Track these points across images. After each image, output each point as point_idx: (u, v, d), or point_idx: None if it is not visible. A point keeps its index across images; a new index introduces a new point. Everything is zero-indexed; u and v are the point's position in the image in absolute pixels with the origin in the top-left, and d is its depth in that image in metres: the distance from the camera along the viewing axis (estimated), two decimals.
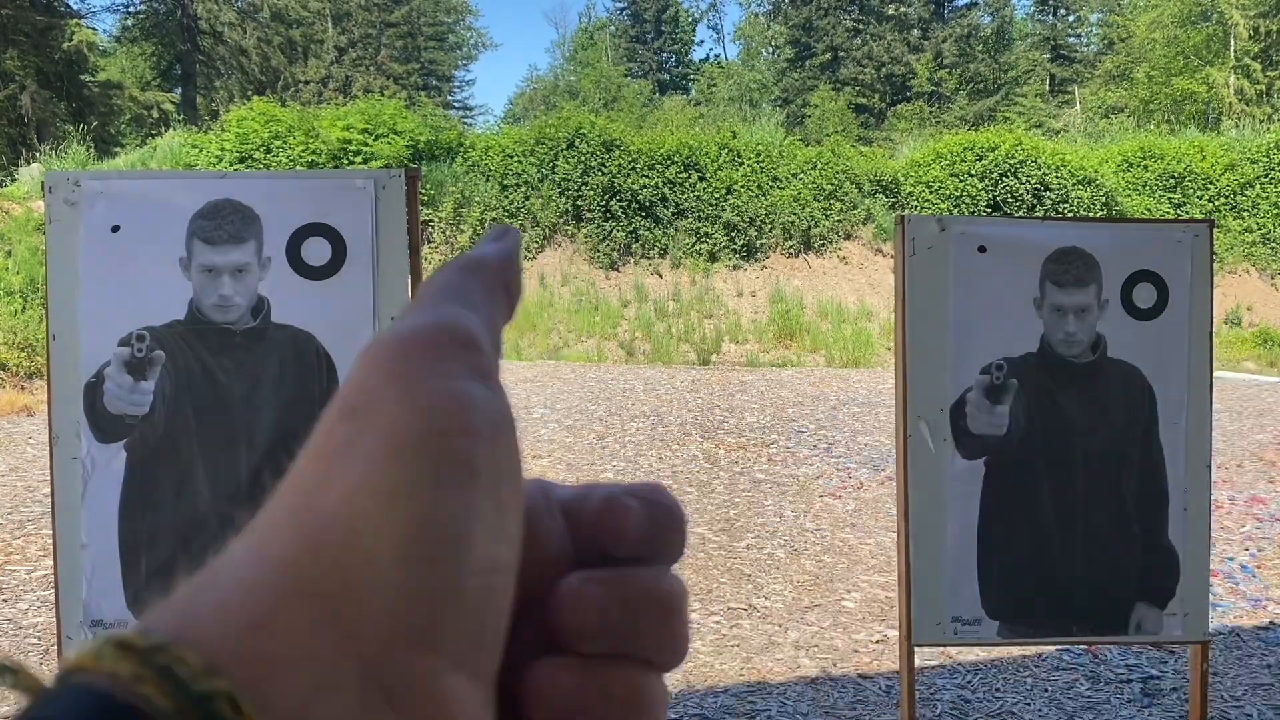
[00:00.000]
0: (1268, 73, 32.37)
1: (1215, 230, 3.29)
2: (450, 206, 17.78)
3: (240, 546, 0.26)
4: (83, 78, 28.21)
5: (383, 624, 0.25)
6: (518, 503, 0.29)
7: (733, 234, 18.39)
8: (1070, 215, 17.87)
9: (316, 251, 2.54)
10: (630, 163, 18.39)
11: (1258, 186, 20.46)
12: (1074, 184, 18.94)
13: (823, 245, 18.76)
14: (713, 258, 18.34)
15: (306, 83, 40.08)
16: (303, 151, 17.11)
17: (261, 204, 2.52)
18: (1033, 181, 18.66)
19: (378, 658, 0.25)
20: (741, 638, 4.49)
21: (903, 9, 41.46)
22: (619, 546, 0.31)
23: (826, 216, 18.74)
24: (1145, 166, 20.66)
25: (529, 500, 0.30)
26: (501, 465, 0.28)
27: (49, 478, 2.50)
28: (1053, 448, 2.63)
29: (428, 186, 17.42)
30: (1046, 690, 4.01)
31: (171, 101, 33.53)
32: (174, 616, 0.24)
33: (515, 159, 18.47)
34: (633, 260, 18.29)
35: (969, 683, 4.07)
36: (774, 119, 26.42)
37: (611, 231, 18.18)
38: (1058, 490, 2.63)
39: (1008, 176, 18.71)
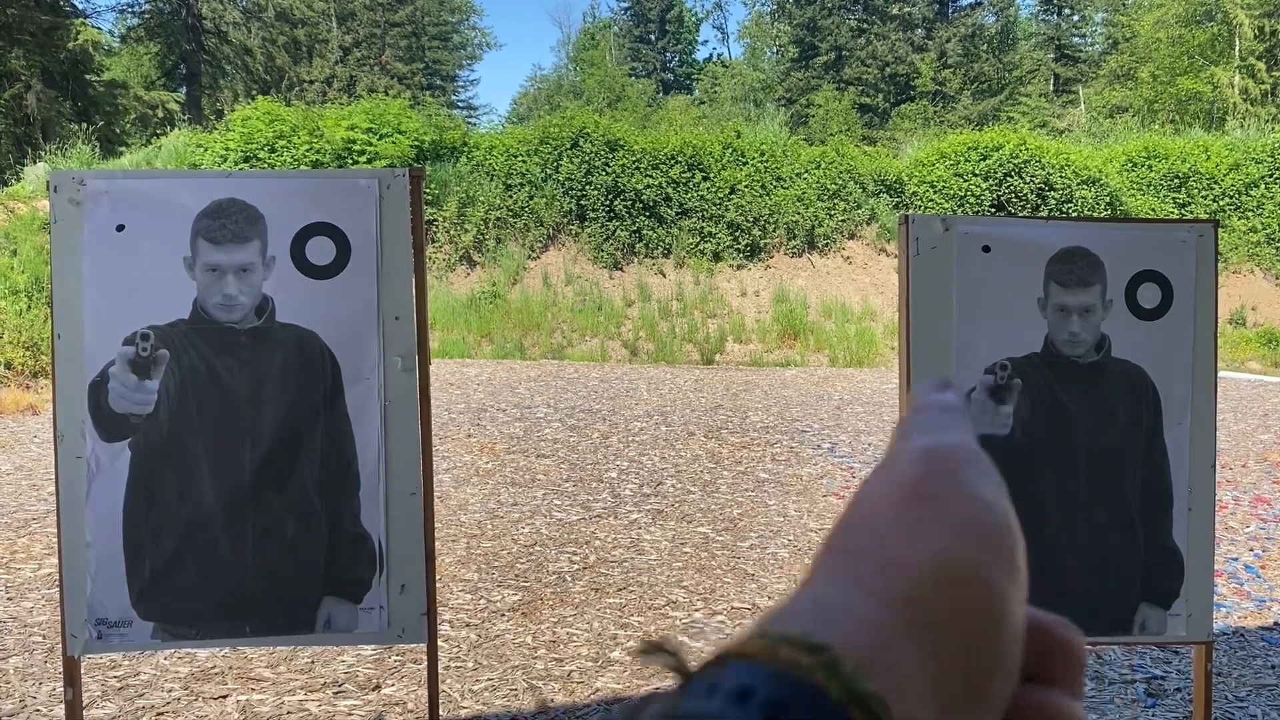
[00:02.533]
0: (1272, 72, 32.29)
1: (1220, 230, 3.29)
2: (454, 206, 17.78)
3: (840, 585, 0.32)
4: (88, 77, 28.25)
5: (959, 670, 0.31)
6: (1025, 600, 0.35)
7: (736, 233, 18.39)
8: (1074, 215, 17.84)
9: (321, 251, 2.55)
10: (634, 162, 18.39)
11: (1262, 186, 20.42)
12: (1078, 184, 18.91)
13: (826, 245, 18.75)
14: (716, 257, 18.33)
15: (311, 82, 40.10)
16: (307, 151, 17.12)
17: (266, 203, 2.53)
18: (1037, 181, 18.63)
19: (951, 699, 0.30)
20: None
21: (907, 9, 41.41)
22: (1064, 676, 0.36)
23: (830, 216, 18.73)
24: (1150, 166, 20.62)
25: None
26: (1025, 574, 0.34)
27: (54, 476, 2.51)
28: (1057, 448, 2.62)
29: (432, 186, 17.43)
30: None
31: (176, 101, 33.56)
32: (805, 628, 0.29)
33: (519, 159, 18.47)
34: (636, 260, 18.29)
35: None
36: (778, 119, 26.40)
37: (615, 231, 18.18)
38: (1062, 490, 2.63)
39: (1012, 176, 18.69)
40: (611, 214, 18.21)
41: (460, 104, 48.18)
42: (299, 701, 3.70)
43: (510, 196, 18.19)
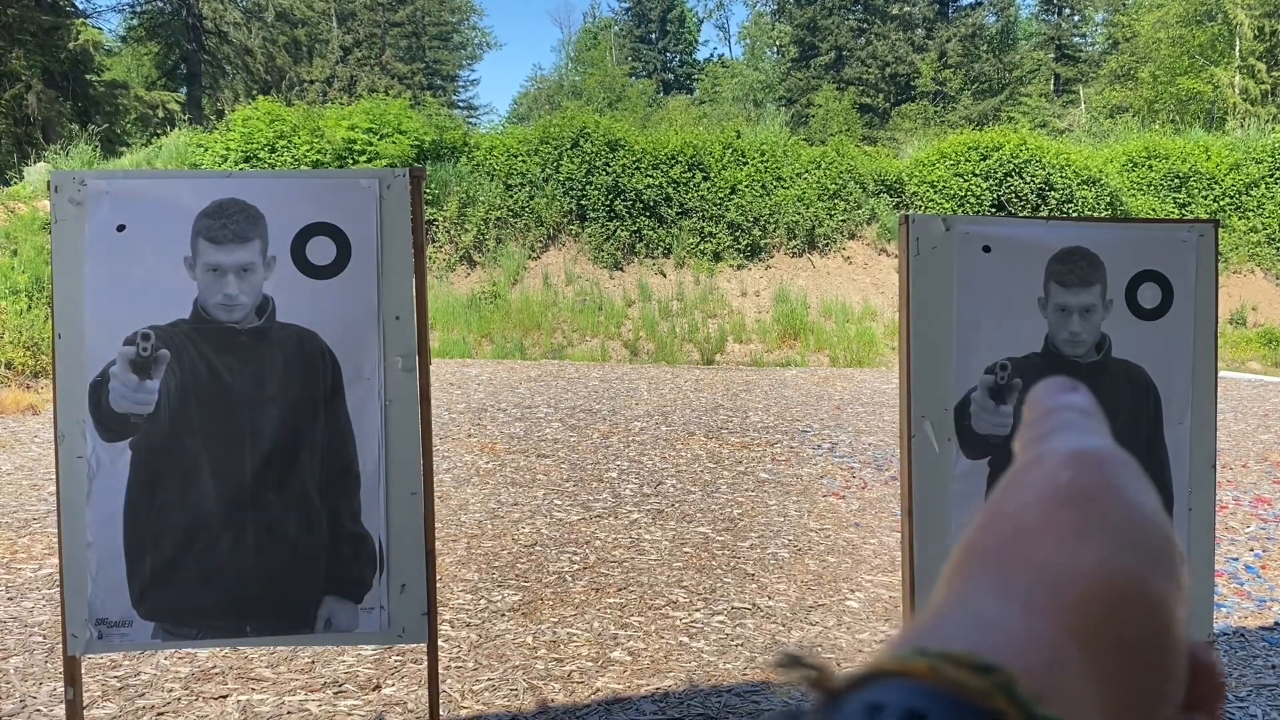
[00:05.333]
0: (1273, 72, 32.28)
1: (1220, 230, 3.29)
2: (455, 206, 17.78)
3: (998, 598, 0.30)
4: (88, 77, 28.24)
5: (1129, 692, 0.29)
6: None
7: (737, 233, 18.38)
8: (1075, 215, 17.84)
9: (321, 251, 2.55)
10: (634, 162, 18.39)
11: (1263, 186, 20.41)
12: (1079, 184, 18.91)
13: (827, 245, 18.74)
14: (717, 257, 18.33)
15: (311, 82, 40.10)
16: (308, 151, 17.12)
17: (266, 203, 2.53)
18: (1037, 181, 18.63)
19: (1117, 717, 0.29)
20: (745, 637, 4.49)
21: (907, 8, 41.40)
22: (1209, 702, 0.35)
23: (831, 216, 18.72)
24: (1150, 166, 20.62)
25: None
26: (1187, 583, 0.33)
27: (54, 476, 2.51)
28: None
29: (432, 186, 17.43)
30: None
31: (177, 101, 33.55)
32: (972, 645, 0.27)
33: (520, 158, 18.47)
34: (637, 260, 18.29)
35: None
36: (778, 119, 26.40)
37: (615, 231, 18.18)
38: None
39: (1012, 176, 18.68)
40: (612, 214, 18.21)
41: (461, 104, 48.18)
42: (299, 701, 3.70)
43: (511, 196, 18.19)
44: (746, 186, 18.61)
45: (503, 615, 4.69)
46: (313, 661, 4.06)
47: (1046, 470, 0.34)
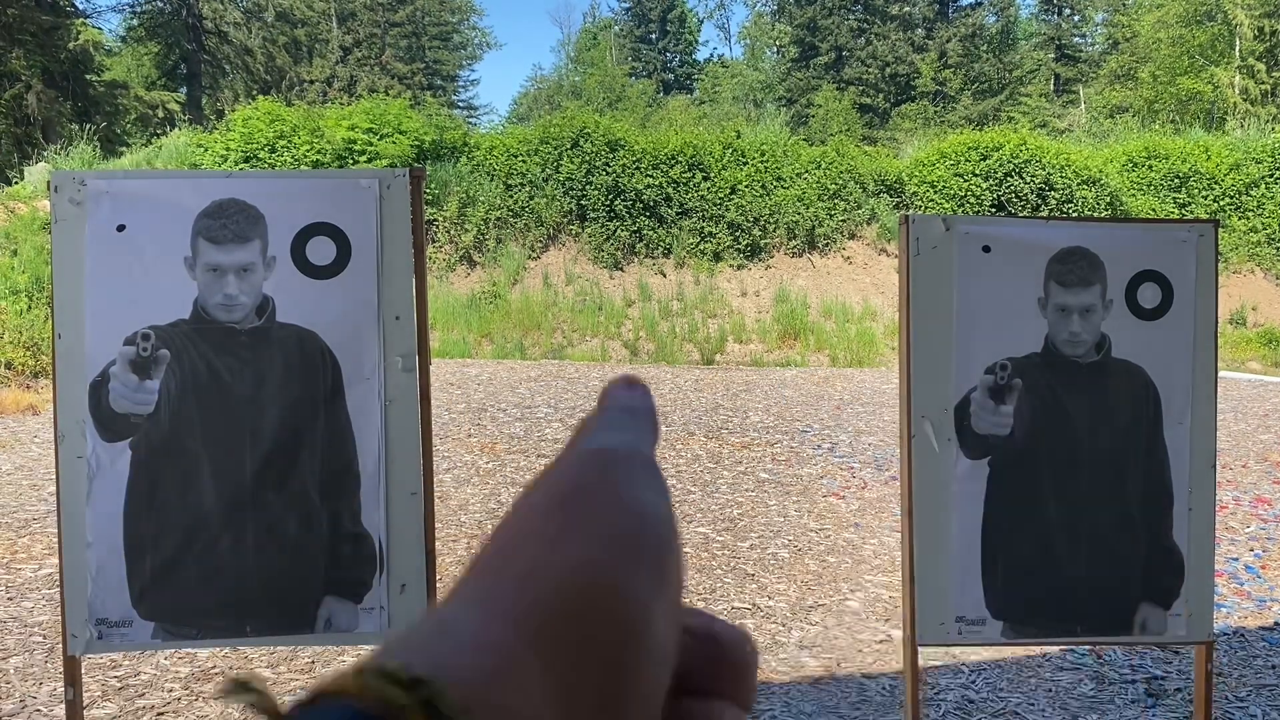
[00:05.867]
0: (1273, 73, 32.29)
1: (1220, 230, 3.29)
2: (455, 206, 17.78)
3: (468, 603, 0.29)
4: (88, 77, 28.25)
5: (588, 695, 0.28)
6: (681, 611, 0.33)
7: (737, 234, 18.39)
8: (1075, 215, 17.84)
9: (321, 251, 2.55)
10: (634, 162, 18.39)
11: (1263, 186, 20.42)
12: (1079, 184, 18.91)
13: (827, 245, 18.75)
14: (717, 257, 18.33)
15: (311, 82, 40.11)
16: (308, 151, 17.12)
17: (266, 203, 2.53)
18: (1037, 181, 18.63)
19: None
20: None
21: (907, 8, 41.40)
22: (732, 686, 0.35)
23: (831, 216, 18.72)
24: (1150, 166, 20.62)
25: None
26: (679, 579, 0.32)
27: (54, 476, 2.51)
28: (1057, 448, 2.63)
29: (432, 186, 17.43)
30: (1050, 690, 4.00)
31: (177, 101, 33.56)
32: (419, 657, 0.26)
33: (520, 158, 18.48)
34: (637, 260, 18.29)
35: (973, 683, 4.07)
36: (778, 119, 26.40)
37: (616, 231, 18.18)
38: (1062, 490, 2.63)
39: (1012, 176, 18.68)
40: (612, 214, 18.21)
41: (460, 104, 48.18)
42: None
43: (510, 196, 18.19)
44: (746, 186, 18.61)
45: None
46: (313, 661, 4.06)
47: (555, 471, 0.34)
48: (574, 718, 0.28)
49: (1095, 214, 18.37)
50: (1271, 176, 20.45)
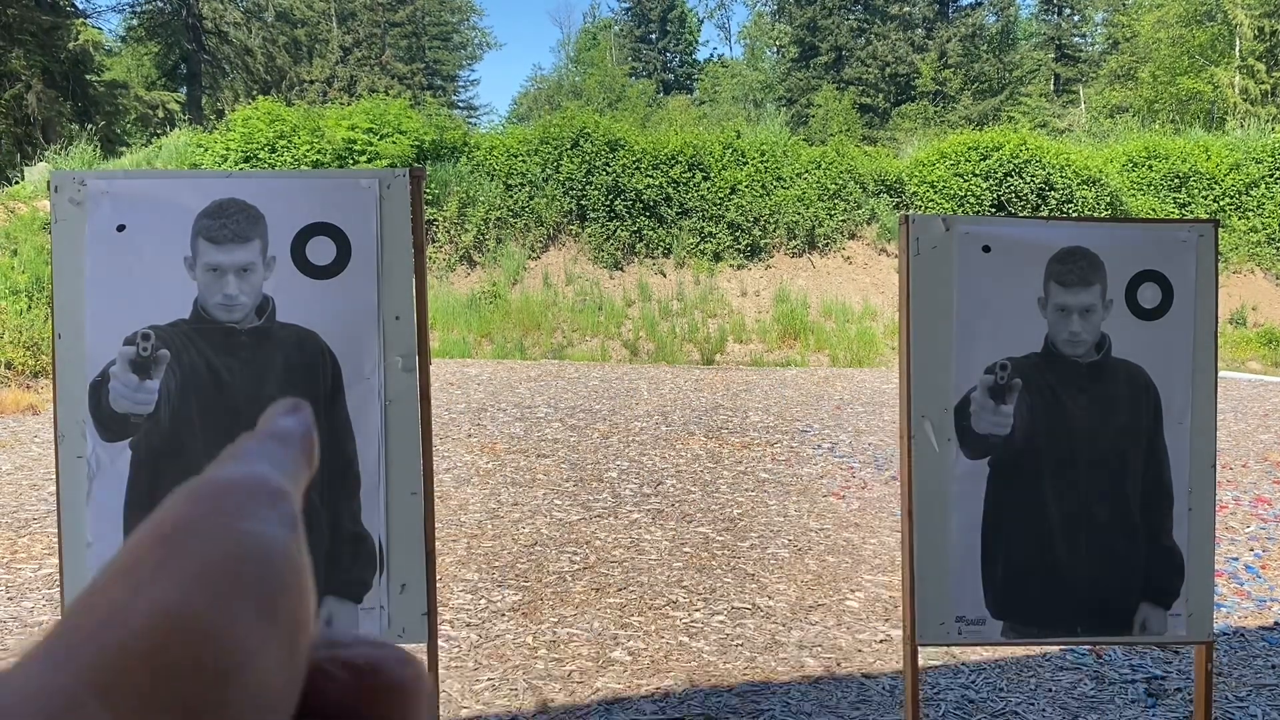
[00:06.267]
0: (1273, 73, 32.28)
1: (1220, 230, 3.29)
2: (455, 206, 17.78)
3: (38, 657, 0.27)
4: (88, 77, 28.25)
5: None
6: (304, 652, 0.30)
7: (737, 233, 18.39)
8: (1075, 215, 17.84)
9: (321, 251, 2.55)
10: (634, 162, 18.39)
11: (1263, 186, 20.41)
12: (1079, 184, 18.91)
13: (827, 245, 18.75)
14: (717, 257, 18.33)
15: (311, 82, 40.11)
16: (308, 151, 17.12)
17: (266, 203, 2.53)
18: (1037, 181, 18.63)
19: None
20: (745, 637, 4.49)
21: (907, 8, 41.40)
22: (396, 713, 0.32)
23: (831, 216, 18.72)
24: (1150, 166, 20.62)
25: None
26: (296, 615, 0.30)
27: (54, 476, 2.51)
28: (1057, 448, 2.63)
29: (432, 186, 17.43)
30: (1050, 690, 4.00)
31: (177, 101, 33.58)
32: None
33: (519, 158, 18.48)
34: (637, 260, 18.29)
35: (973, 683, 4.07)
36: (778, 119, 26.40)
37: (615, 231, 18.18)
38: (1062, 490, 2.63)
39: (1012, 176, 18.68)
40: (612, 214, 18.21)
41: (460, 104, 48.19)
42: None
43: (511, 196, 18.19)
44: (746, 186, 18.61)
45: (503, 615, 4.69)
46: None
47: (168, 505, 0.31)
48: None
49: (1095, 214, 18.37)
50: (1271, 176, 20.45)
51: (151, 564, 0.29)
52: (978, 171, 18.80)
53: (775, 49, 46.11)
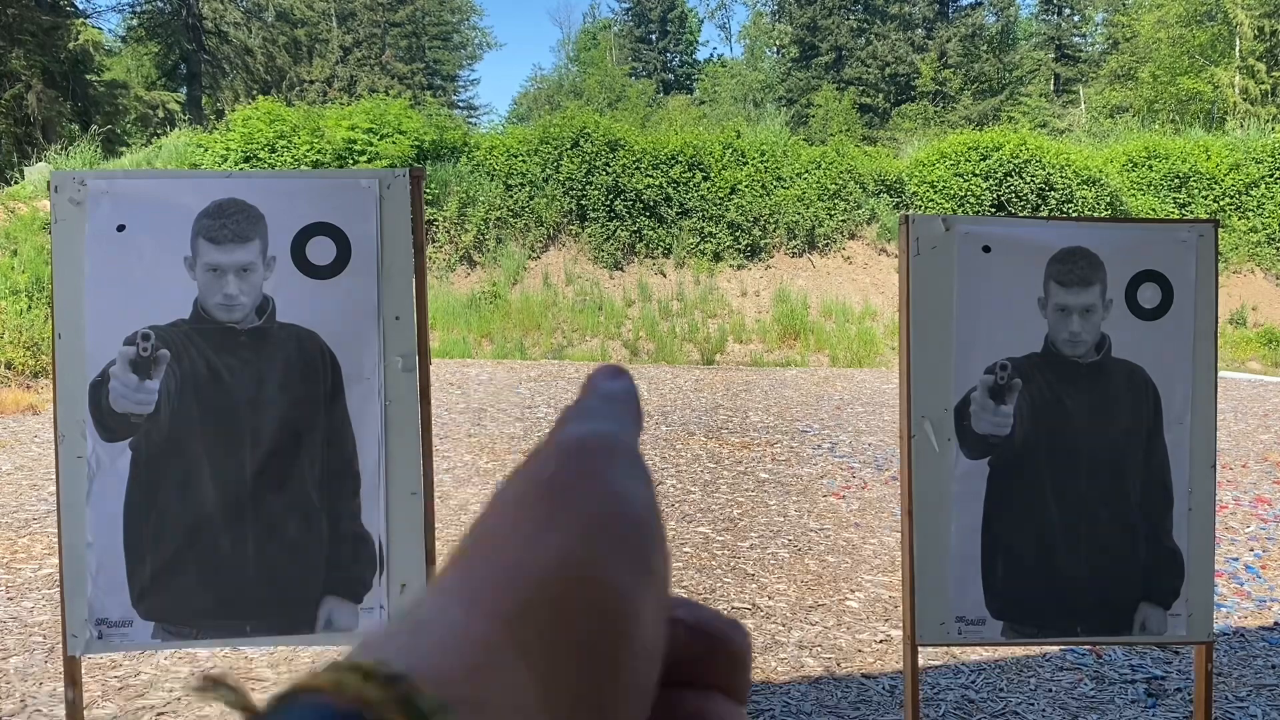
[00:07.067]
0: (1273, 73, 32.29)
1: (1220, 230, 3.29)
2: (455, 206, 17.78)
3: (449, 597, 0.28)
4: (88, 77, 28.25)
5: (572, 690, 0.27)
6: (668, 602, 0.32)
7: (737, 233, 18.39)
8: (1075, 215, 17.84)
9: (321, 251, 2.55)
10: (634, 162, 18.39)
11: (1263, 186, 20.42)
12: (1079, 184, 18.91)
13: (827, 245, 18.75)
14: (717, 257, 18.33)
15: (311, 82, 40.11)
16: (308, 151, 17.12)
17: (266, 203, 2.53)
18: (1037, 181, 18.63)
19: (566, 718, 0.27)
20: None
21: (907, 9, 41.40)
22: (725, 679, 0.34)
23: (831, 216, 18.73)
24: (1150, 166, 20.62)
25: None
26: (664, 569, 0.32)
27: (54, 476, 2.51)
28: (1057, 448, 2.63)
29: (432, 186, 17.43)
30: (1050, 690, 4.00)
31: (177, 101, 33.58)
32: (397, 652, 0.26)
33: (520, 158, 18.48)
34: (637, 260, 18.29)
35: (973, 683, 4.07)
36: (778, 119, 26.40)
37: (616, 231, 18.18)
38: (1062, 490, 2.63)
39: (1012, 176, 18.68)
40: (612, 214, 18.21)
41: (460, 104, 48.18)
42: None
43: (511, 196, 18.19)
44: (746, 186, 18.61)
45: None
46: (313, 662, 4.06)
47: (536, 462, 0.33)
48: (558, 712, 0.27)
49: (1095, 214, 18.37)
50: (1271, 176, 20.45)
51: (538, 516, 0.30)
52: (978, 171, 18.80)
53: (775, 49, 46.11)
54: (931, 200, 18.91)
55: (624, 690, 0.29)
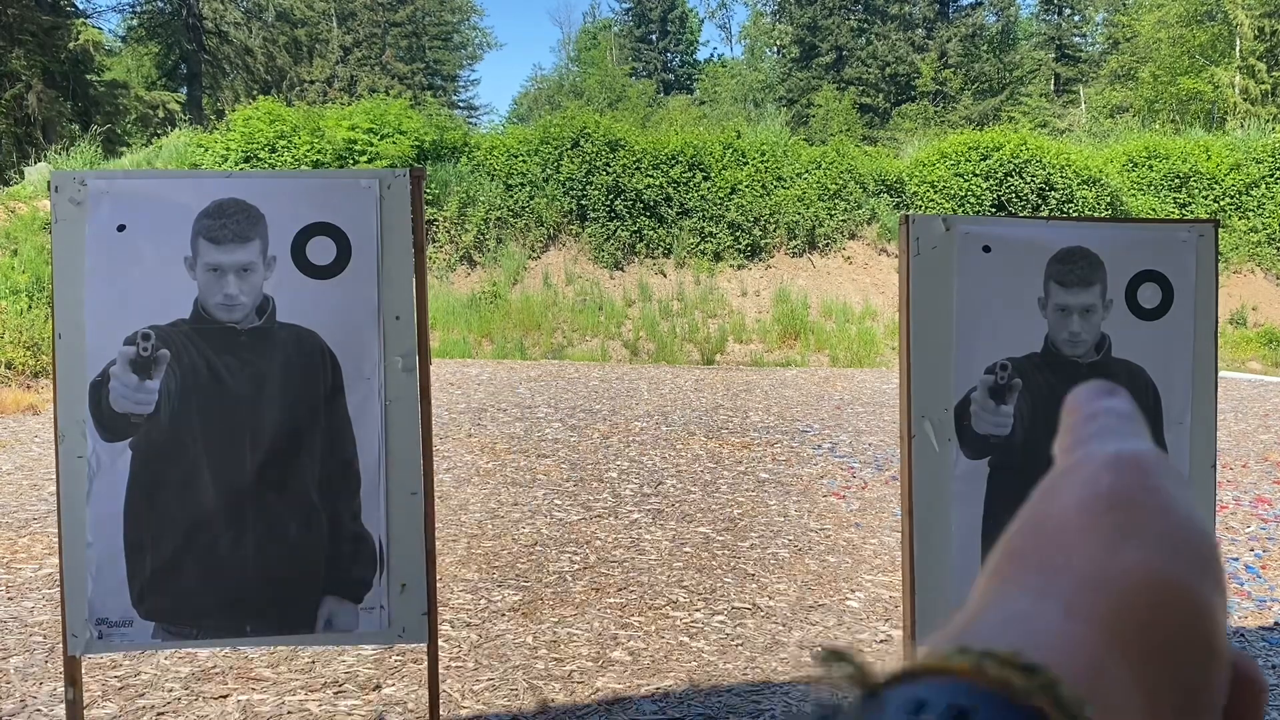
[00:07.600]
0: (1273, 73, 32.28)
1: (1220, 230, 3.29)
2: (455, 206, 17.78)
3: (1034, 599, 0.29)
4: (89, 77, 28.25)
5: (1169, 699, 0.28)
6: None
7: (737, 233, 18.39)
8: (1075, 215, 17.84)
9: (321, 251, 2.55)
10: (635, 162, 18.39)
11: (1263, 186, 20.41)
12: (1079, 184, 18.91)
13: (827, 245, 18.75)
14: (717, 257, 18.33)
15: (312, 82, 40.10)
16: (308, 151, 17.12)
17: (266, 203, 2.53)
18: (1037, 181, 18.63)
19: None
20: (745, 637, 4.49)
21: (907, 8, 41.40)
22: (1249, 715, 0.34)
23: (831, 216, 18.72)
24: (1150, 166, 20.62)
25: None
26: (1227, 590, 0.33)
27: (54, 476, 2.51)
28: None
29: (432, 186, 17.43)
30: None
31: (177, 101, 33.56)
32: (1002, 645, 0.26)
33: (520, 158, 18.47)
34: (637, 260, 18.29)
35: None
36: (779, 119, 26.40)
37: (616, 231, 18.18)
38: None
39: (1012, 176, 18.68)
40: (612, 214, 18.22)
41: (461, 104, 48.17)
42: (299, 701, 3.70)
43: (511, 196, 18.19)
44: (747, 186, 18.61)
45: (503, 615, 4.69)
46: (313, 661, 4.06)
47: (1087, 474, 0.33)
48: (1160, 717, 0.27)
49: (1095, 214, 18.37)
50: (1272, 176, 20.44)
51: (1108, 526, 0.31)
52: (978, 171, 18.80)
53: (775, 49, 46.10)
54: (932, 200, 18.91)
55: (1211, 703, 0.29)
